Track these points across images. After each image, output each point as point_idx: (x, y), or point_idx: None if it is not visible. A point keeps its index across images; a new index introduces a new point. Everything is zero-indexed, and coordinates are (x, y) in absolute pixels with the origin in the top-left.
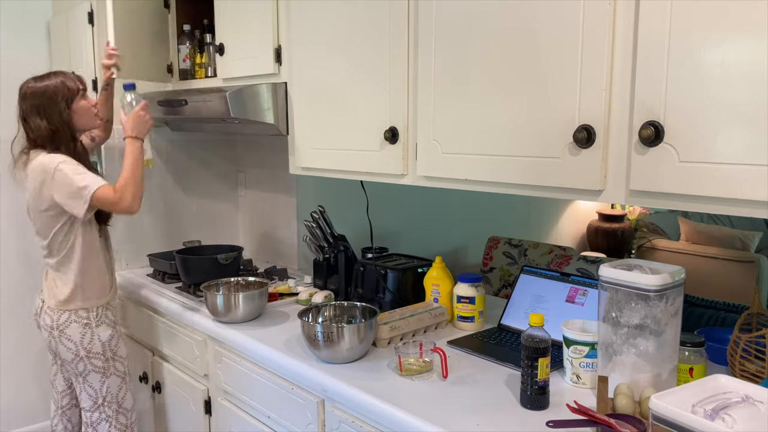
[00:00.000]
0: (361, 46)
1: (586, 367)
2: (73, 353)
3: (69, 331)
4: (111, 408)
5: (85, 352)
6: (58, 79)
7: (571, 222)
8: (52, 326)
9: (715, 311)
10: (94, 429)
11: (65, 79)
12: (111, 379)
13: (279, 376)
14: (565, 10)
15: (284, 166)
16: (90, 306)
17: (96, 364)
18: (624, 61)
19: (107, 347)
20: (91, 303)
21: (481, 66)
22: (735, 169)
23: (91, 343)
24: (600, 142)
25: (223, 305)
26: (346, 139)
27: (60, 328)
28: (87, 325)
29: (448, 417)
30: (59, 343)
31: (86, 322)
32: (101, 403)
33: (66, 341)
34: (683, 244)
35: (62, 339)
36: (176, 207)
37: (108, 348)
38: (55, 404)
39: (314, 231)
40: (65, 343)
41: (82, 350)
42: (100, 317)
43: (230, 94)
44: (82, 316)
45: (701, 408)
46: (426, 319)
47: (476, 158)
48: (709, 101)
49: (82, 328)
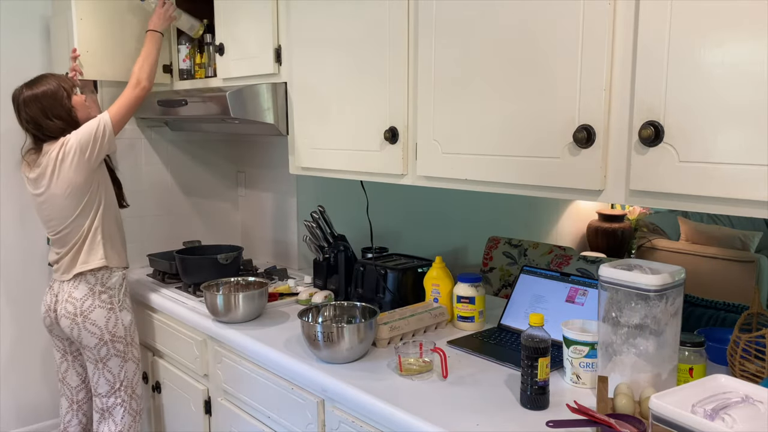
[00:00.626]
0: (361, 46)
1: (586, 367)
2: (97, 338)
3: (93, 316)
4: (126, 393)
5: (110, 335)
6: (53, 81)
7: (571, 222)
8: (75, 313)
9: (715, 311)
10: (110, 413)
11: (59, 80)
12: (128, 364)
13: (279, 376)
14: (565, 10)
15: (284, 166)
16: (119, 265)
17: (118, 348)
18: (624, 61)
19: (128, 332)
20: (122, 260)
21: (480, 66)
22: (735, 169)
23: (116, 327)
24: (600, 142)
25: (223, 305)
26: (346, 139)
27: (84, 314)
28: (111, 309)
29: (448, 417)
30: (83, 329)
31: (110, 306)
32: (118, 388)
33: (90, 326)
34: (683, 244)
35: (86, 324)
36: (176, 207)
37: (128, 333)
38: (68, 401)
39: (314, 231)
40: (89, 328)
41: (106, 334)
42: (122, 303)
43: (230, 94)
44: (105, 301)
45: (701, 408)
46: (426, 319)
47: (476, 158)
48: (709, 101)
49: (107, 312)
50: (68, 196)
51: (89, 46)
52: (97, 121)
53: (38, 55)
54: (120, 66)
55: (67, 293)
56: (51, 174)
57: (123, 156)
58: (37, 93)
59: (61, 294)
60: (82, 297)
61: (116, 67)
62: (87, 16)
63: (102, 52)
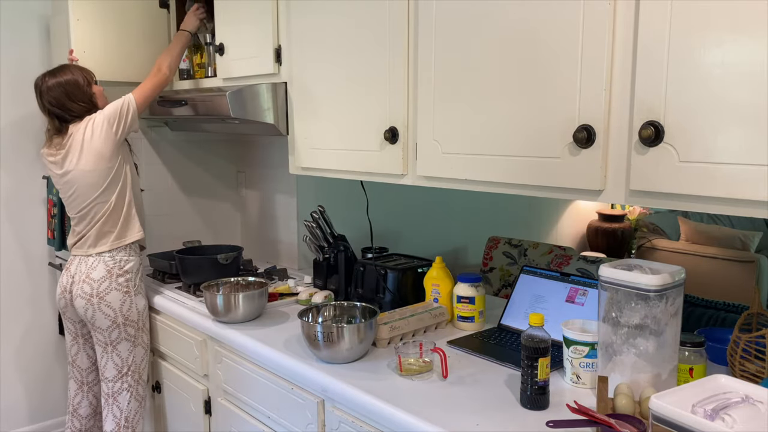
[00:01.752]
0: (361, 46)
1: (586, 367)
2: (111, 320)
3: (109, 298)
4: (133, 378)
5: (123, 318)
6: (75, 70)
7: (571, 222)
8: (91, 294)
9: (715, 311)
10: (115, 399)
11: (80, 70)
12: (137, 350)
13: (279, 376)
14: (565, 11)
15: (284, 166)
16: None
17: (129, 332)
18: (624, 61)
19: (141, 316)
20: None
21: (480, 66)
22: (735, 169)
23: (130, 310)
24: (600, 142)
25: (223, 305)
26: (346, 139)
27: (100, 296)
28: (127, 293)
29: (448, 417)
30: (97, 311)
31: (126, 290)
32: (125, 372)
33: (105, 308)
34: (683, 244)
35: (101, 306)
36: (176, 207)
37: (141, 318)
38: (77, 383)
39: (314, 231)
40: (104, 310)
41: (120, 317)
42: (137, 287)
43: (230, 94)
44: (122, 284)
45: (701, 408)
46: (426, 319)
47: (476, 158)
48: (709, 101)
49: (123, 296)
50: (95, 171)
51: (86, 46)
52: (122, 100)
53: (38, 55)
54: (117, 66)
55: (85, 274)
56: (80, 150)
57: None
58: (60, 80)
59: (78, 275)
60: (99, 278)
61: (114, 67)
62: (84, 17)
63: (99, 53)
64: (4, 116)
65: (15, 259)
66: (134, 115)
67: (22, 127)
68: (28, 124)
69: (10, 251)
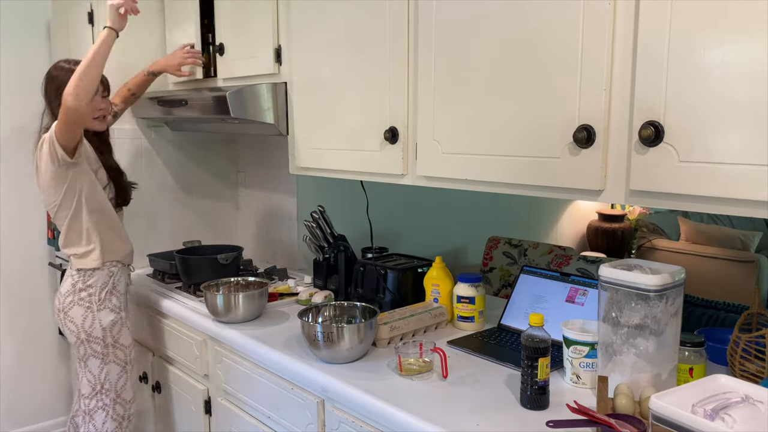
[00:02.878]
0: (361, 45)
1: (586, 367)
2: (75, 336)
3: (72, 313)
4: (109, 396)
5: (86, 335)
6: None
7: (571, 222)
8: (59, 308)
9: (715, 311)
10: (90, 417)
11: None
12: (110, 366)
13: (279, 376)
14: (565, 10)
15: (284, 166)
16: (96, 267)
17: (95, 349)
18: (624, 61)
19: (108, 333)
20: (97, 263)
21: (480, 66)
22: (735, 169)
23: (92, 327)
24: (600, 142)
25: (223, 305)
26: (346, 139)
27: (65, 311)
28: (88, 308)
29: (448, 417)
30: (64, 326)
31: (88, 305)
32: (99, 390)
33: (69, 323)
34: (683, 244)
35: (66, 321)
36: (176, 207)
37: (109, 334)
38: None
39: (314, 231)
40: (68, 325)
41: (83, 333)
42: (102, 302)
43: (230, 94)
44: (84, 299)
45: (701, 408)
46: (426, 319)
47: (476, 158)
48: (709, 101)
49: (84, 311)
50: (45, 191)
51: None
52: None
53: (38, 55)
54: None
55: (60, 286)
56: (37, 165)
57: (123, 155)
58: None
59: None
60: (65, 292)
61: None
62: None
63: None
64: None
65: (15, 259)
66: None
67: (22, 127)
68: (28, 124)
69: (10, 251)
